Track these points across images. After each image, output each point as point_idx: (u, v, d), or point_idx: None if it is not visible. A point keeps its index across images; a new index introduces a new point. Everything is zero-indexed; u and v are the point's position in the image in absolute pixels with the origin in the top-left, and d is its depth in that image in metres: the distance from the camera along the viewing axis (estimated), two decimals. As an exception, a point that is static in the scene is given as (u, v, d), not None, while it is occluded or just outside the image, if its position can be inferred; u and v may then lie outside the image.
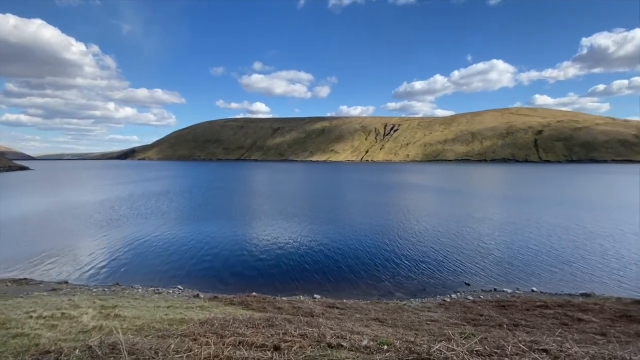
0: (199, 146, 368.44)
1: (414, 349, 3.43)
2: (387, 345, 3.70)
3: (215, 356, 3.25)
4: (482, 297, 11.94)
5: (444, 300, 11.72)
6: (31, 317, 6.50)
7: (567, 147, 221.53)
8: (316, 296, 12.05)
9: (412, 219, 25.81)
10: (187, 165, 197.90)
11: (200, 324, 5.35)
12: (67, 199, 38.94)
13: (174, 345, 3.54)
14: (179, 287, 13.01)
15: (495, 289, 12.74)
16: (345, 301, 11.24)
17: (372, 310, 9.79)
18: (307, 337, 4.03)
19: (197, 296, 11.71)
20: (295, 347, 3.56)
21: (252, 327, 4.86)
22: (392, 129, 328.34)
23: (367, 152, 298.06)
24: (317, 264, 15.67)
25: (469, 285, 13.24)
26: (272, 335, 4.12)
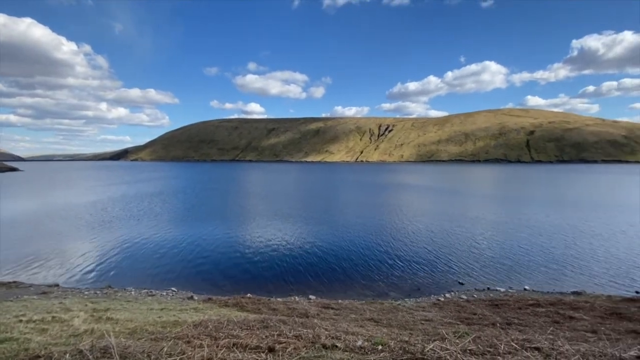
0: (192, 147, 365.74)
1: (408, 349, 3.45)
2: (382, 345, 3.70)
3: (208, 358, 3.22)
4: (476, 295, 12.05)
5: (438, 299, 11.80)
6: (20, 321, 6.38)
7: (558, 147, 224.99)
8: (311, 297, 12.03)
9: (406, 219, 25.94)
10: (181, 165, 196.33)
11: (193, 326, 5.31)
12: (57, 200, 38.31)
13: (167, 347, 3.50)
14: (173, 288, 12.88)
15: (488, 288, 12.87)
16: (340, 301, 11.24)
17: (366, 310, 9.81)
18: (302, 338, 4.02)
19: (191, 298, 11.61)
20: (289, 349, 3.55)
21: (246, 329, 4.84)
22: (386, 130, 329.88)
23: (362, 152, 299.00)
24: (312, 264, 15.65)
25: (462, 284, 13.35)
26: (266, 336, 4.11)
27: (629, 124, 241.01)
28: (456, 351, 3.24)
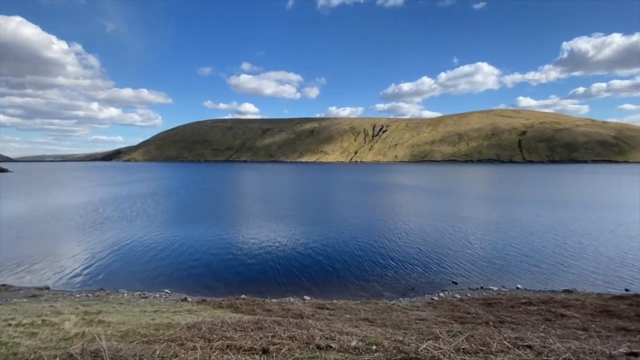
0: (186, 147, 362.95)
1: (402, 348, 3.46)
2: (376, 345, 3.71)
3: (202, 361, 3.19)
4: (469, 295, 12.15)
5: (432, 298, 11.87)
6: (9, 325, 6.26)
7: (549, 147, 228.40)
8: (306, 297, 12.02)
9: (400, 220, 26.07)
10: (175, 166, 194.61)
11: (187, 328, 5.26)
12: (48, 201, 37.67)
13: (159, 350, 3.47)
14: (166, 290, 12.75)
15: (481, 287, 12.99)
16: (334, 302, 11.24)
17: (361, 310, 9.82)
18: (296, 338, 4.01)
19: (185, 300, 11.50)
20: (283, 350, 3.54)
21: (240, 330, 4.81)
22: (380, 130, 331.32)
23: (356, 152, 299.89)
24: (306, 265, 15.64)
25: (456, 283, 13.45)
26: (260, 337, 4.09)
27: (618, 125, 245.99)
28: (449, 350, 3.27)
